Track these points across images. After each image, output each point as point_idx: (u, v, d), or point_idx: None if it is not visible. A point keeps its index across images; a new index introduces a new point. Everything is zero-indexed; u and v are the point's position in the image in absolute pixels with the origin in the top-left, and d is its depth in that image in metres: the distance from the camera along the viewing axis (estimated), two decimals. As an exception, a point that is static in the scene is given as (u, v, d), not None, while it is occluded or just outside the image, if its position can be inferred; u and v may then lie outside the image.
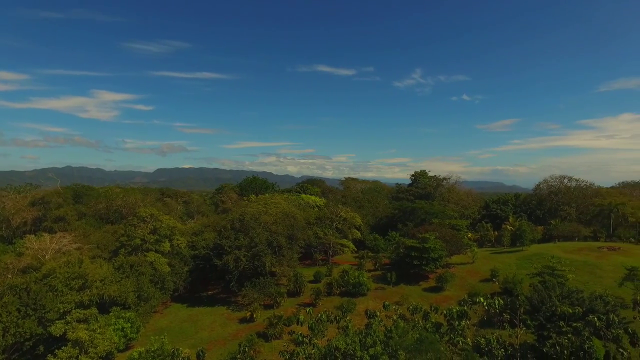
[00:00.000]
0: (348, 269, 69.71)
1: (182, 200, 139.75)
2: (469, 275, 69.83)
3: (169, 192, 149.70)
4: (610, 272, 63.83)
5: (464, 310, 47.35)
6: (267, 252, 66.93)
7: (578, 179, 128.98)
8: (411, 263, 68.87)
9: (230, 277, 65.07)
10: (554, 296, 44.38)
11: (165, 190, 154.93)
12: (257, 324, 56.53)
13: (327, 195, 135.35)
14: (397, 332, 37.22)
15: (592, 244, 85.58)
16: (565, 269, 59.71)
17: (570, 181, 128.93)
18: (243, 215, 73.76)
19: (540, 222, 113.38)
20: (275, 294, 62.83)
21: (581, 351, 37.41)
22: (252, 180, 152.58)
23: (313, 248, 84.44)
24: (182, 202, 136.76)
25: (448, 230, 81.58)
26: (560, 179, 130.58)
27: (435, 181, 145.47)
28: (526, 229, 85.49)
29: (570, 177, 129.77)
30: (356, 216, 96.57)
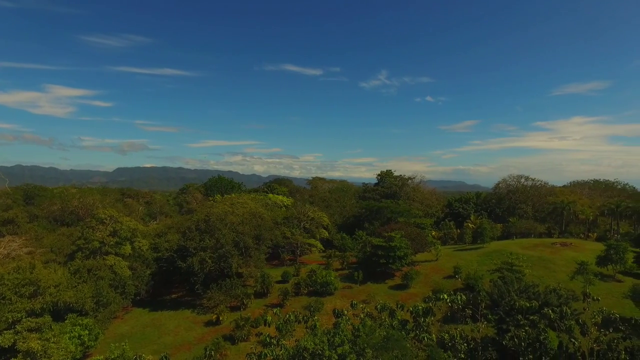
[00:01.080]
0: (316, 269, 69.79)
1: (144, 200, 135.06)
2: (433, 272, 71.69)
3: (130, 192, 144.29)
4: (563, 267, 67.48)
5: (429, 307, 48.56)
6: (233, 253, 65.76)
7: (534, 178, 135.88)
8: (378, 262, 69.90)
9: (195, 280, 63.43)
10: (513, 291, 46.33)
11: (126, 190, 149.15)
12: (223, 327, 55.46)
13: (295, 195, 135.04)
14: (364, 331, 37.57)
15: (547, 240, 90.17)
16: (523, 264, 62.51)
17: (527, 180, 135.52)
18: (208, 216, 72.14)
19: (499, 220, 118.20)
20: (242, 295, 61.88)
21: (537, 342, 39.30)
22: (218, 180, 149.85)
23: (281, 248, 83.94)
24: (144, 203, 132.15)
25: (413, 229, 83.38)
26: (518, 179, 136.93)
27: (400, 181, 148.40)
28: (486, 227, 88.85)
29: (527, 176, 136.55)
30: (324, 216, 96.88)
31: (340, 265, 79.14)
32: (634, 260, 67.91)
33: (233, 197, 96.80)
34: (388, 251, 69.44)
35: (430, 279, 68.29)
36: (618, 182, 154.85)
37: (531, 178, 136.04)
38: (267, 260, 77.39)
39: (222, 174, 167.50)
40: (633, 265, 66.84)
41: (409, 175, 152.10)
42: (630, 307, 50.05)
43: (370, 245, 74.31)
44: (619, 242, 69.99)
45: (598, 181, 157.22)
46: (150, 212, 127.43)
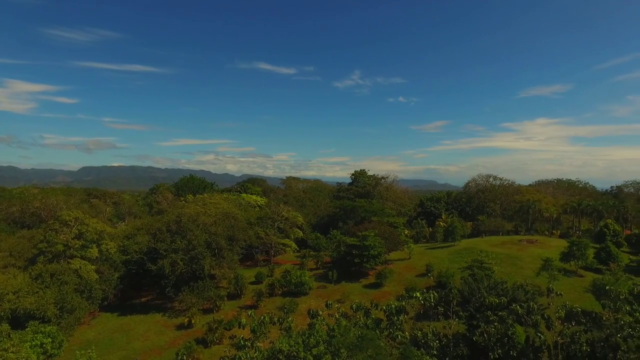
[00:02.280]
0: (290, 269, 69.46)
1: (112, 201, 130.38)
2: (406, 270, 72.78)
3: (97, 192, 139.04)
4: (529, 263, 70.05)
5: (402, 305, 49.13)
6: (206, 255, 64.39)
7: (502, 178, 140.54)
8: (352, 261, 70.31)
9: (166, 282, 61.70)
10: (482, 288, 47.59)
11: (92, 190, 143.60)
12: (195, 330, 54.24)
13: (269, 195, 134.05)
14: (339, 331, 37.60)
15: (514, 238, 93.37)
16: (492, 262, 64.49)
17: (495, 180, 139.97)
18: (180, 217, 70.36)
19: (469, 218, 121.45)
20: (215, 297, 60.75)
21: (506, 337, 40.52)
22: (190, 180, 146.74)
23: (254, 248, 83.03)
24: (112, 204, 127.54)
25: (386, 228, 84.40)
26: (487, 178, 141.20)
27: (374, 180, 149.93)
28: (457, 225, 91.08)
29: (495, 176, 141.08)
30: (298, 215, 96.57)
31: (315, 265, 79.14)
32: (594, 256, 71.31)
33: (205, 197, 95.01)
34: (362, 250, 69.96)
35: (403, 277, 69.27)
36: (579, 181, 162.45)
37: (499, 177, 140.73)
38: (240, 261, 76.33)
39: (193, 174, 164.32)
40: (593, 261, 70.15)
41: (382, 175, 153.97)
42: (591, 301, 52.45)
43: (345, 244, 74.66)
44: (581, 239, 73.33)
45: (561, 180, 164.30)
46: (119, 213, 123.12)
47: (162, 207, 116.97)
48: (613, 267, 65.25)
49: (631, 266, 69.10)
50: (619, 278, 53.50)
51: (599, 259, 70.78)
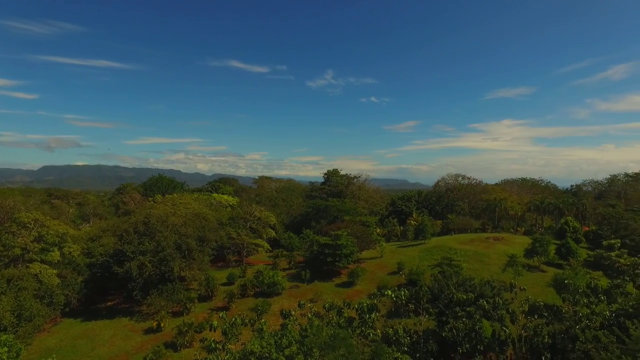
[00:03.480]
0: (262, 269, 68.86)
1: (75, 202, 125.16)
2: (378, 269, 73.67)
3: (59, 192, 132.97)
4: (495, 260, 72.45)
5: (374, 303, 49.64)
6: (175, 256, 62.81)
7: (470, 177, 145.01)
8: (325, 260, 70.47)
9: (133, 285, 59.73)
10: (451, 285, 48.74)
11: (54, 190, 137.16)
12: (164, 334, 52.81)
13: (241, 195, 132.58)
14: (311, 331, 37.52)
15: (481, 235, 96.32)
16: (460, 259, 66.22)
17: (464, 179, 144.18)
18: (148, 217, 68.28)
19: (439, 217, 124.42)
20: (185, 299, 59.36)
21: (473, 332, 41.67)
22: (158, 179, 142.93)
23: (226, 249, 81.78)
24: (75, 204, 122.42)
25: (359, 227, 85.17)
26: (456, 177, 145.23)
27: (346, 179, 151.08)
28: (427, 224, 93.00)
29: (464, 175, 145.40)
30: (270, 215, 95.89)
31: (288, 265, 78.83)
32: (555, 252, 74.63)
33: (175, 197, 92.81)
34: (335, 249, 70.26)
35: (375, 275, 70.06)
36: (542, 180, 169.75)
37: (467, 177, 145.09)
38: (211, 262, 74.95)
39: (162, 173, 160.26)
40: (555, 257, 73.41)
41: (354, 174, 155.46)
42: (552, 295, 54.80)
43: (318, 244, 74.74)
44: (543, 236, 76.64)
45: (525, 179, 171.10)
46: (83, 214, 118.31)
47: (130, 207, 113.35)
48: (572, 262, 68.50)
49: (589, 261, 72.73)
50: (578, 272, 56.22)
51: (559, 254, 74.11)
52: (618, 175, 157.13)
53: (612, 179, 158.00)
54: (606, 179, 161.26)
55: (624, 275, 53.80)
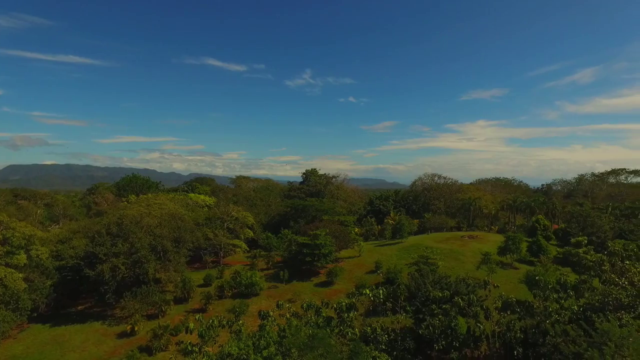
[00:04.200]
0: (240, 270, 68.18)
1: (44, 202, 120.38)
2: (356, 268, 74.13)
3: (25, 193, 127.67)
4: (470, 258, 74.11)
5: (352, 302, 49.94)
6: (150, 258, 61.32)
7: (445, 176, 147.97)
8: (303, 260, 70.36)
9: (106, 289, 57.93)
10: (428, 282, 49.58)
11: (20, 190, 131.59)
12: (139, 337, 51.47)
13: (218, 194, 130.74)
14: (290, 331, 37.41)
15: (457, 234, 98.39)
16: (436, 257, 67.44)
17: (440, 179, 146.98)
18: (122, 218, 66.42)
19: (416, 216, 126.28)
20: (160, 302, 58.01)
21: (449, 329, 42.51)
22: (132, 179, 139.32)
23: (203, 250, 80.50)
24: (44, 205, 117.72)
25: (337, 226, 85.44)
26: (432, 177, 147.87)
27: (325, 179, 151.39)
28: (405, 223, 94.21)
29: (440, 175, 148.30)
30: (248, 215, 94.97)
31: (266, 265, 78.32)
32: (527, 249, 77.03)
33: (150, 198, 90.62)
34: (313, 249, 70.24)
35: (353, 274, 70.47)
36: (514, 180, 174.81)
37: (443, 176, 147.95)
38: (188, 264, 73.62)
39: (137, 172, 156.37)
40: (526, 254, 75.78)
41: (333, 174, 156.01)
42: (524, 291, 56.48)
43: (296, 243, 74.56)
44: (515, 234, 78.91)
45: (499, 179, 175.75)
46: (52, 216, 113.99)
47: (102, 208, 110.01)
48: (543, 259, 70.91)
49: (558, 258, 75.40)
50: (548, 269, 58.16)
51: (531, 252, 76.54)
52: (585, 175, 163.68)
53: (580, 178, 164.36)
54: (574, 178, 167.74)
55: (591, 271, 55.97)
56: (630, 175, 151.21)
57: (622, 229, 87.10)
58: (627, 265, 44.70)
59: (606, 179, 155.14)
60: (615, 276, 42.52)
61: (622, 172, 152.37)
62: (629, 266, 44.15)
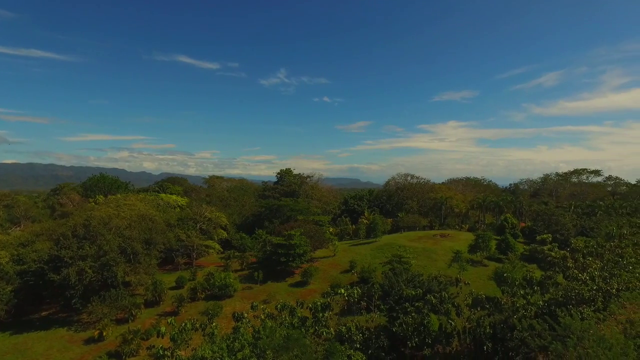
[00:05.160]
0: (214, 271, 67.12)
1: (3, 204, 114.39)
2: (331, 267, 74.44)
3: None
4: (442, 256, 75.82)
5: (327, 302, 50.10)
6: (119, 261, 59.39)
7: (418, 176, 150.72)
8: (278, 260, 70.02)
9: (72, 293, 55.64)
10: (401, 281, 50.29)
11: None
12: (108, 343, 49.82)
13: (191, 194, 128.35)
14: (264, 332, 37.12)
15: (429, 232, 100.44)
16: (409, 256, 68.62)
17: (413, 178, 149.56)
18: (89, 220, 64.01)
19: (389, 215, 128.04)
20: (130, 306, 56.32)
21: (422, 326, 43.32)
22: (100, 179, 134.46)
23: (174, 252, 78.72)
24: (3, 207, 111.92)
25: (312, 226, 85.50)
26: (405, 177, 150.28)
27: (299, 179, 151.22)
28: (379, 222, 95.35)
29: (413, 175, 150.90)
30: (222, 216, 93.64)
31: (240, 266, 77.44)
32: (496, 247, 79.54)
33: (119, 198, 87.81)
34: (288, 249, 70.02)
35: (328, 274, 70.73)
36: (484, 180, 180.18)
37: (416, 176, 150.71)
38: (159, 266, 71.88)
39: (105, 172, 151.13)
40: (495, 252, 78.26)
41: (307, 174, 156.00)
42: (493, 288, 58.36)
43: (271, 244, 74.11)
44: (485, 232, 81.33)
45: (469, 179, 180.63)
46: (12, 217, 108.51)
47: (67, 209, 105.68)
48: (511, 256, 73.43)
49: (525, 255, 78.24)
50: (516, 266, 60.24)
51: (500, 249, 79.10)
52: (550, 175, 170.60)
53: (545, 178, 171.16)
54: (540, 178, 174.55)
55: (555, 267, 58.29)
56: (591, 175, 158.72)
57: (584, 227, 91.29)
58: (588, 262, 46.88)
59: (569, 179, 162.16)
60: (578, 272, 44.46)
61: (584, 172, 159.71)
62: (590, 262, 46.31)
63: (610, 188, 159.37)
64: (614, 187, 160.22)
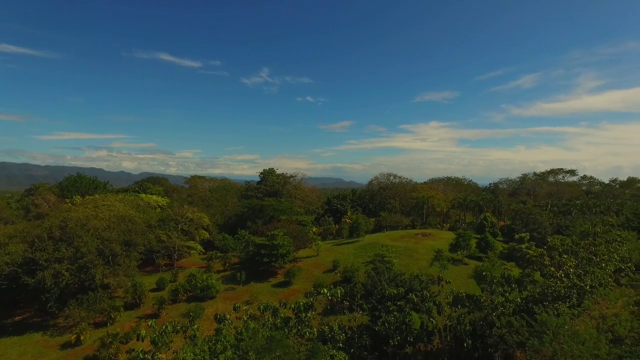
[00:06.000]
0: (195, 272, 66.32)
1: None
2: (314, 267, 74.49)
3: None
4: (424, 255, 76.78)
5: (310, 302, 50.12)
6: (97, 263, 58.01)
7: (401, 176, 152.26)
8: (260, 260, 69.68)
9: (47, 297, 54.06)
10: (384, 280, 50.79)
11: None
12: (85, 347, 48.67)
13: (171, 195, 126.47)
14: (247, 334, 36.88)
15: (411, 232, 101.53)
16: (392, 255, 69.26)
17: (395, 178, 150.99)
18: (65, 221, 62.26)
19: (372, 215, 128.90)
20: (109, 309, 55.14)
21: (404, 325, 43.84)
22: (77, 179, 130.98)
23: (155, 253, 77.38)
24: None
25: (295, 226, 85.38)
26: (388, 176, 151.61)
27: (283, 179, 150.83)
28: (361, 222, 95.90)
29: (395, 174, 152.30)
30: (204, 216, 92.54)
31: (222, 267, 76.75)
32: (476, 245, 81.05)
33: (97, 199, 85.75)
34: (271, 249, 69.74)
35: (311, 274, 70.76)
36: (465, 179, 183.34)
37: (398, 176, 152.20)
38: (139, 267, 70.48)
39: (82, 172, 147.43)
40: (475, 250, 79.74)
41: (291, 174, 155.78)
42: (473, 286, 59.44)
43: (253, 244, 73.65)
44: (465, 231, 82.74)
45: (450, 178, 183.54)
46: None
47: (43, 210, 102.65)
48: (490, 254, 74.90)
49: (504, 253, 79.95)
50: (495, 264, 61.51)
51: (479, 248, 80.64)
52: (528, 174, 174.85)
53: (523, 177, 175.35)
54: (518, 177, 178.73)
55: (533, 265, 59.74)
56: (567, 174, 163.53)
57: (560, 225, 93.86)
58: (564, 259, 48.21)
59: (546, 178, 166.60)
60: (554, 269, 45.68)
61: (560, 172, 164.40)
62: (566, 260, 47.64)
63: (585, 187, 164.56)
64: (589, 186, 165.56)
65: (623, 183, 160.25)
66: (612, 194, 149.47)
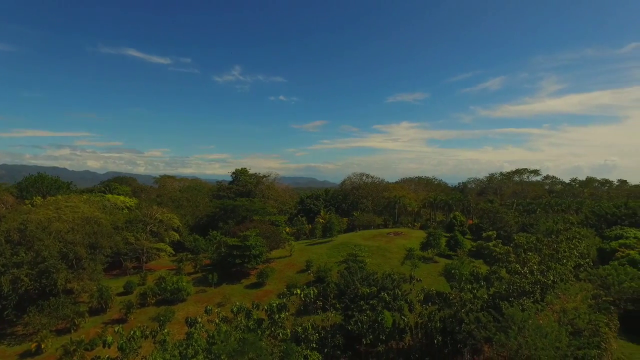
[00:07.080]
0: (165, 275, 64.79)
1: None
2: (288, 268, 74.20)
3: None
4: (396, 254, 77.98)
5: (283, 302, 49.89)
6: (60, 267, 55.48)
7: (373, 176, 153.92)
8: (233, 262, 68.83)
9: (5, 304, 51.27)
10: (357, 280, 51.19)
11: None
12: (47, 356, 46.58)
13: (140, 195, 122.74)
14: (219, 337, 36.26)
15: (383, 231, 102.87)
16: (364, 254, 69.97)
17: (368, 178, 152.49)
18: (25, 224, 59.24)
19: (345, 214, 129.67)
20: (72, 315, 52.95)
21: (376, 323, 44.39)
22: (38, 179, 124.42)
23: (123, 255, 74.82)
24: None
25: (268, 227, 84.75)
26: (360, 176, 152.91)
27: (255, 179, 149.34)
28: (335, 221, 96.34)
29: (368, 174, 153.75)
30: (174, 217, 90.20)
31: (193, 269, 75.17)
32: (446, 244, 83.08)
33: (59, 200, 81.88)
34: (243, 250, 68.95)
35: (284, 274, 70.44)
36: (435, 179, 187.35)
37: (371, 176, 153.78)
38: (106, 271, 67.96)
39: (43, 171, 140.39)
40: (445, 248, 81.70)
41: (263, 173, 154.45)
42: (443, 283, 60.90)
43: (225, 245, 72.60)
44: (436, 230, 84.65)
45: (421, 178, 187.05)
46: None
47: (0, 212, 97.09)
48: (459, 252, 76.99)
49: (472, 251, 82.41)
50: (464, 262, 63.37)
51: (449, 246, 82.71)
52: (495, 174, 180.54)
53: (490, 177, 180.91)
54: (486, 177, 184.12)
55: (499, 262, 61.78)
56: (531, 174, 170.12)
57: (525, 223, 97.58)
58: (528, 256, 50.12)
59: (512, 178, 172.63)
60: (519, 266, 47.42)
61: (525, 172, 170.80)
62: (530, 257, 49.53)
63: (547, 186, 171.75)
64: (551, 185, 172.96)
65: (582, 182, 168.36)
66: (573, 193, 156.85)
